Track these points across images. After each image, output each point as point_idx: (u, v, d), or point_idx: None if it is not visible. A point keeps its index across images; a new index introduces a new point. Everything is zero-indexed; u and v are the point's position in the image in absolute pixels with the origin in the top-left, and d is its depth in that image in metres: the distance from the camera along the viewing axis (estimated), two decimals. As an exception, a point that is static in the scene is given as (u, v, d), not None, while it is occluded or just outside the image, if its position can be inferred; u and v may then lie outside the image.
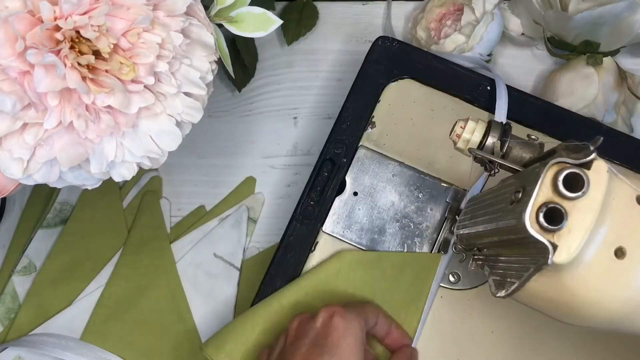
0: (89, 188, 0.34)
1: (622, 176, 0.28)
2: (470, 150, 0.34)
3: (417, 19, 0.52)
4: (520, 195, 0.28)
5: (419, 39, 0.51)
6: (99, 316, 0.47)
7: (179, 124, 0.34)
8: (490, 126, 0.34)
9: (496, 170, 0.35)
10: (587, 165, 0.27)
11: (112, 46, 0.29)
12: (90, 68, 0.30)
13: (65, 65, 0.28)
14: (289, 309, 0.42)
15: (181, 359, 0.46)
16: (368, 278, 0.42)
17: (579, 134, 0.44)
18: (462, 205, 0.42)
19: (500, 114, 0.43)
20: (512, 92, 0.45)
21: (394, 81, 0.46)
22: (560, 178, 0.26)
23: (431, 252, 0.43)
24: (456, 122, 0.34)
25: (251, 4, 0.38)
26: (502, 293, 0.31)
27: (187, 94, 0.34)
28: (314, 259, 0.44)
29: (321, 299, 0.42)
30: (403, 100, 0.46)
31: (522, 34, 0.51)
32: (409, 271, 0.43)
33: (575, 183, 0.26)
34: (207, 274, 0.48)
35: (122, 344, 0.46)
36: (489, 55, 0.50)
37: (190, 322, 0.47)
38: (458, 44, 0.48)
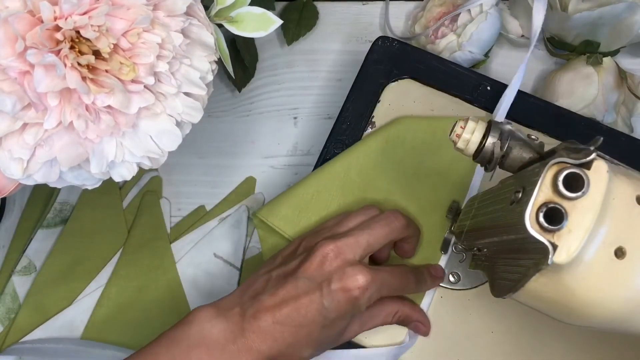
0: (89, 188, 0.34)
1: (622, 176, 0.28)
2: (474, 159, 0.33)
3: (417, 17, 0.52)
4: (520, 195, 0.28)
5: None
6: (99, 316, 0.47)
7: (179, 124, 0.34)
8: (490, 126, 0.34)
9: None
10: (587, 165, 0.27)
11: (112, 46, 0.29)
12: (90, 68, 0.30)
13: (65, 65, 0.28)
14: (341, 171, 0.44)
15: None
16: (418, 142, 0.44)
17: (579, 134, 0.44)
18: (462, 205, 0.42)
19: (537, 21, 0.43)
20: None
21: (394, 81, 0.46)
22: (560, 178, 0.26)
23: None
24: (456, 122, 0.34)
25: (251, 4, 0.38)
26: (502, 293, 0.31)
27: (187, 94, 0.34)
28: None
29: (372, 163, 0.44)
30: (403, 100, 0.46)
31: (522, 35, 0.51)
32: None
33: (575, 183, 0.26)
34: (207, 274, 0.48)
35: (121, 344, 0.46)
36: (486, 55, 0.50)
37: None
38: (449, 41, 0.48)
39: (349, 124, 0.46)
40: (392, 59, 0.46)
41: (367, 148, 0.44)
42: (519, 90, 0.46)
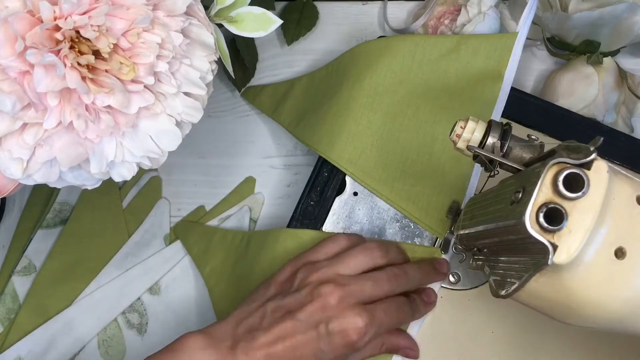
0: (89, 188, 0.34)
1: (622, 176, 0.28)
2: (469, 147, 0.34)
3: (418, 15, 0.52)
4: (520, 196, 0.28)
5: (417, 34, 0.51)
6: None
7: (179, 124, 0.34)
8: (490, 126, 0.34)
9: (496, 172, 0.35)
10: (587, 166, 0.26)
11: (112, 46, 0.29)
12: (90, 68, 0.30)
13: (65, 65, 0.28)
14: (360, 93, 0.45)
15: None
16: (442, 63, 0.45)
17: (579, 134, 0.44)
18: (462, 206, 0.42)
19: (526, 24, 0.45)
20: (512, 92, 0.45)
21: (394, 81, 0.46)
22: (561, 178, 0.26)
23: (431, 252, 0.43)
24: (456, 122, 0.34)
25: (251, 4, 0.38)
26: (502, 293, 0.31)
27: (187, 94, 0.34)
28: (314, 259, 0.43)
29: (399, 80, 0.45)
30: (403, 100, 0.46)
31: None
32: (483, 52, 0.45)
33: (575, 183, 0.26)
34: (207, 274, 0.48)
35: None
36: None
37: None
38: None
39: (349, 124, 0.46)
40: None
41: (393, 67, 0.45)
42: (519, 90, 0.46)
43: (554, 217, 0.26)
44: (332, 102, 0.46)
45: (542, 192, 0.26)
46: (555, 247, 0.26)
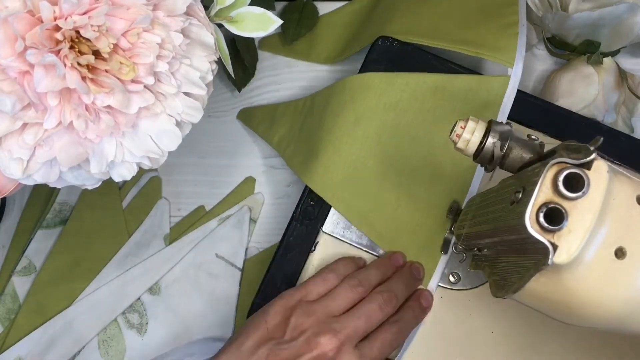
0: (89, 188, 0.34)
1: (622, 176, 0.28)
2: (479, 161, 0.33)
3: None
4: (520, 196, 0.28)
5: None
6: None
7: (179, 124, 0.34)
8: (490, 126, 0.34)
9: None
10: (588, 166, 0.27)
11: (112, 46, 0.29)
12: (90, 68, 0.30)
13: (65, 65, 0.28)
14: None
15: None
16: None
17: (579, 134, 0.44)
18: (462, 206, 0.42)
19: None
20: (512, 92, 0.45)
21: (394, 81, 0.46)
22: (561, 178, 0.26)
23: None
24: (456, 122, 0.34)
25: (251, 4, 0.38)
26: (502, 293, 0.31)
27: (187, 94, 0.34)
28: (314, 259, 0.44)
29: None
30: (403, 100, 0.46)
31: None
32: None
33: (575, 183, 0.26)
34: (208, 274, 0.48)
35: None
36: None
37: None
38: None
39: (349, 124, 0.46)
40: (392, 59, 0.46)
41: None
42: (519, 90, 0.46)
43: (554, 217, 0.26)
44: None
45: (542, 192, 0.26)
46: (555, 247, 0.26)
